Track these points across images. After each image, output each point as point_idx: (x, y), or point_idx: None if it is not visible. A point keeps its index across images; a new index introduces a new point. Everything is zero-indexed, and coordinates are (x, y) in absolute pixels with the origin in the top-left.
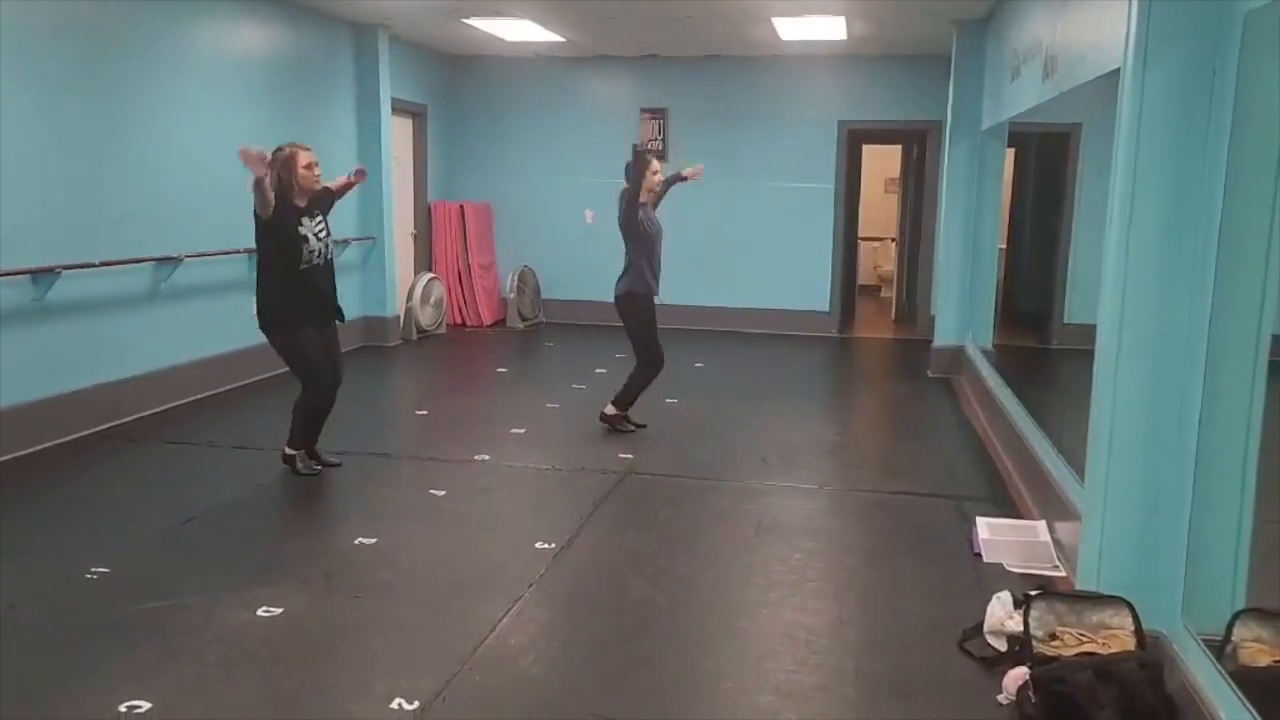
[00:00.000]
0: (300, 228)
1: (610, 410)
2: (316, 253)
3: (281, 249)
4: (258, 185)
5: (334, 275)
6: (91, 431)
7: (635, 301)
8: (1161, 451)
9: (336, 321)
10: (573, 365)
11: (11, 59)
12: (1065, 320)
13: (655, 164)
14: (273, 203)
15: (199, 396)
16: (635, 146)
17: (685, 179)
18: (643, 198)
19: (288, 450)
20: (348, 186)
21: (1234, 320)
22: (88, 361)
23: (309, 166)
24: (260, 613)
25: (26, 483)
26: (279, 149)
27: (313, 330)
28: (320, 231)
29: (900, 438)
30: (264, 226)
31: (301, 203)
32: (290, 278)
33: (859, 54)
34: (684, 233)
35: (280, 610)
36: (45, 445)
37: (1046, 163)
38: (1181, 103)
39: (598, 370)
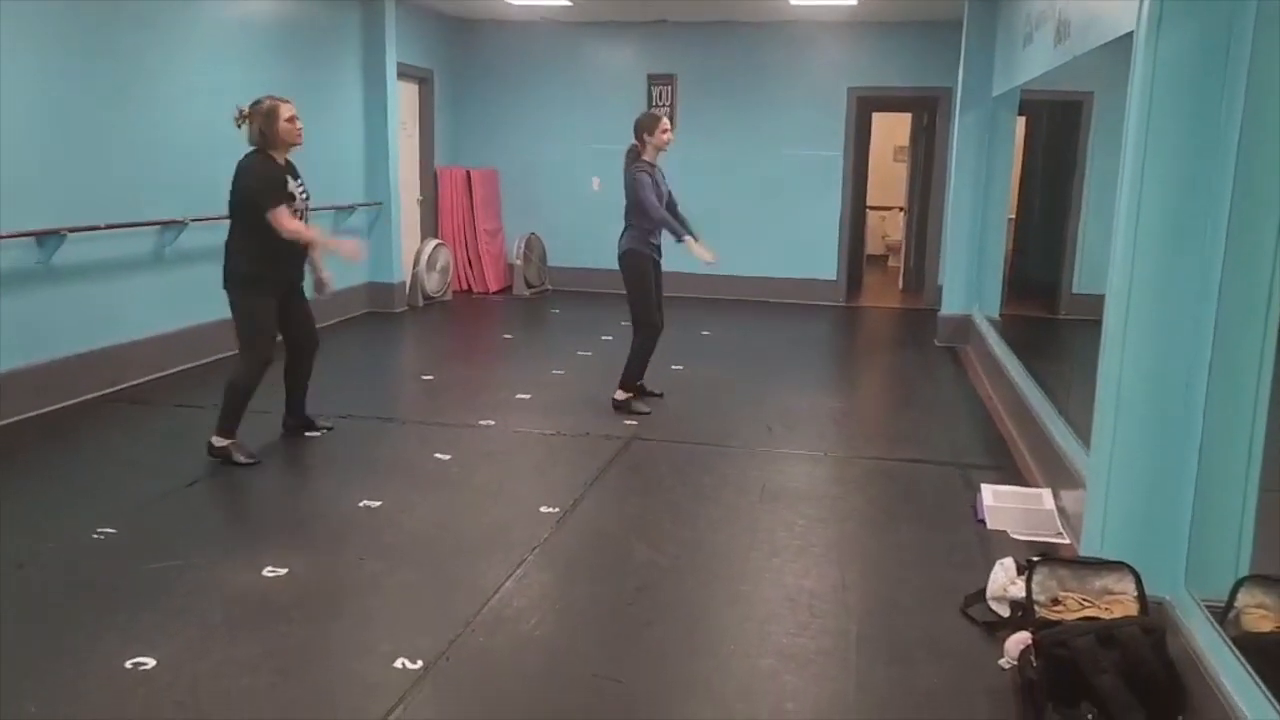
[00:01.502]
0: (285, 185)
1: (620, 395)
2: (299, 213)
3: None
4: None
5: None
6: (97, 395)
7: (638, 260)
8: (1168, 418)
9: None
10: (579, 332)
11: (16, 19)
12: (1074, 290)
13: (665, 121)
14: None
15: (204, 361)
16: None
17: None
18: (649, 156)
19: (218, 441)
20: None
21: (1243, 289)
22: (93, 324)
23: (291, 120)
24: (265, 573)
25: (32, 445)
26: (258, 101)
27: (275, 303)
28: (302, 192)
29: (906, 406)
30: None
31: (282, 159)
32: (269, 237)
33: (869, 20)
34: (691, 200)
35: (285, 571)
36: (51, 408)
37: (1058, 132)
38: (1195, 68)
39: (604, 337)
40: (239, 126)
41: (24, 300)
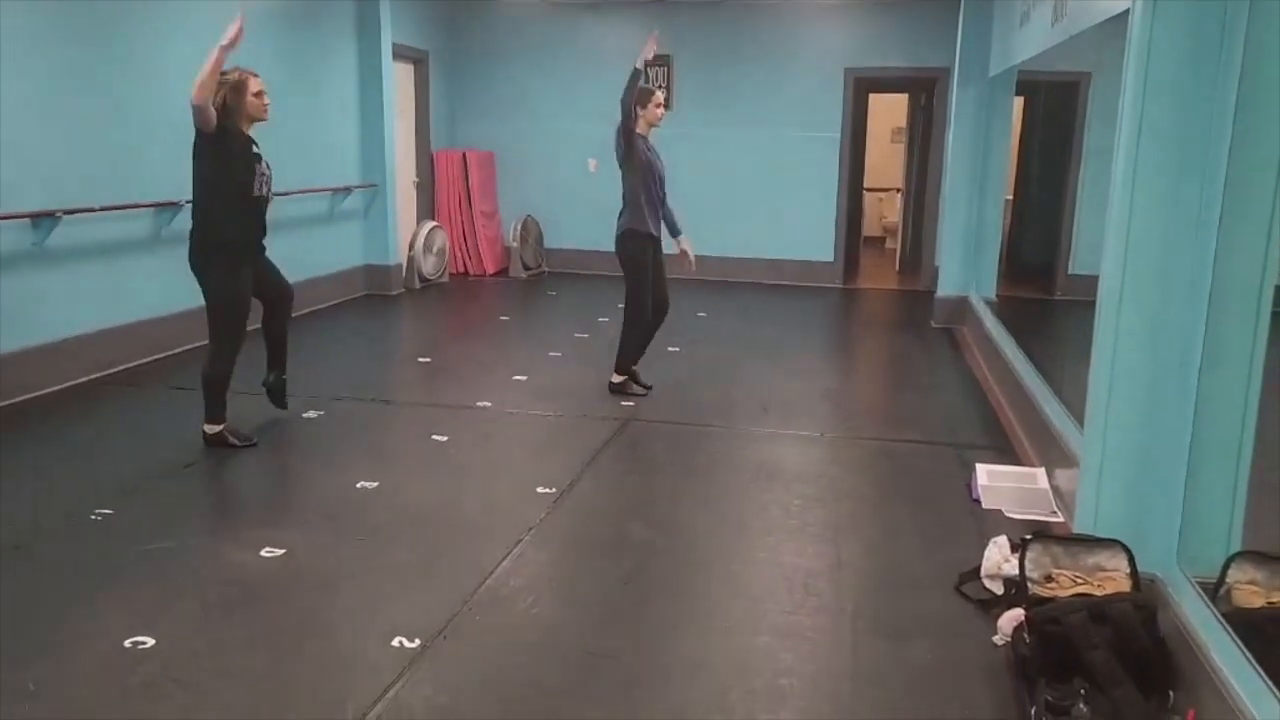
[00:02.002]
0: (251, 152)
1: (616, 379)
2: (266, 181)
3: (232, 172)
4: (223, 50)
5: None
6: (93, 377)
7: (636, 240)
8: (1161, 396)
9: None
10: (575, 314)
11: (8, 2)
12: (1070, 271)
13: (659, 96)
14: (213, 119)
15: (200, 343)
16: (637, 68)
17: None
18: (640, 129)
19: (211, 429)
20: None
21: (1237, 266)
22: (89, 306)
23: (259, 94)
24: (263, 553)
25: (29, 427)
26: (225, 73)
27: (250, 276)
28: (266, 167)
29: (902, 387)
30: (211, 143)
31: (247, 130)
32: (239, 206)
33: None
34: (688, 182)
35: (282, 551)
36: (47, 390)
37: (1055, 112)
38: (1191, 45)
39: (600, 319)
40: None
41: (19, 282)
